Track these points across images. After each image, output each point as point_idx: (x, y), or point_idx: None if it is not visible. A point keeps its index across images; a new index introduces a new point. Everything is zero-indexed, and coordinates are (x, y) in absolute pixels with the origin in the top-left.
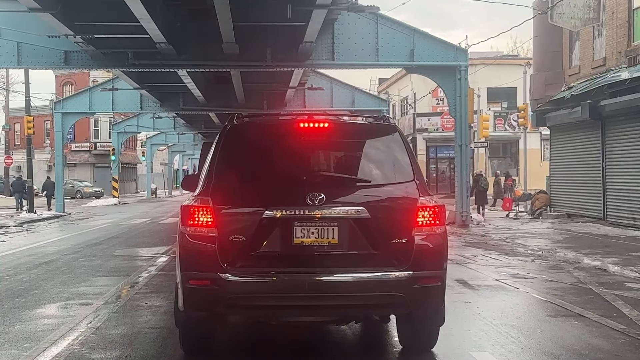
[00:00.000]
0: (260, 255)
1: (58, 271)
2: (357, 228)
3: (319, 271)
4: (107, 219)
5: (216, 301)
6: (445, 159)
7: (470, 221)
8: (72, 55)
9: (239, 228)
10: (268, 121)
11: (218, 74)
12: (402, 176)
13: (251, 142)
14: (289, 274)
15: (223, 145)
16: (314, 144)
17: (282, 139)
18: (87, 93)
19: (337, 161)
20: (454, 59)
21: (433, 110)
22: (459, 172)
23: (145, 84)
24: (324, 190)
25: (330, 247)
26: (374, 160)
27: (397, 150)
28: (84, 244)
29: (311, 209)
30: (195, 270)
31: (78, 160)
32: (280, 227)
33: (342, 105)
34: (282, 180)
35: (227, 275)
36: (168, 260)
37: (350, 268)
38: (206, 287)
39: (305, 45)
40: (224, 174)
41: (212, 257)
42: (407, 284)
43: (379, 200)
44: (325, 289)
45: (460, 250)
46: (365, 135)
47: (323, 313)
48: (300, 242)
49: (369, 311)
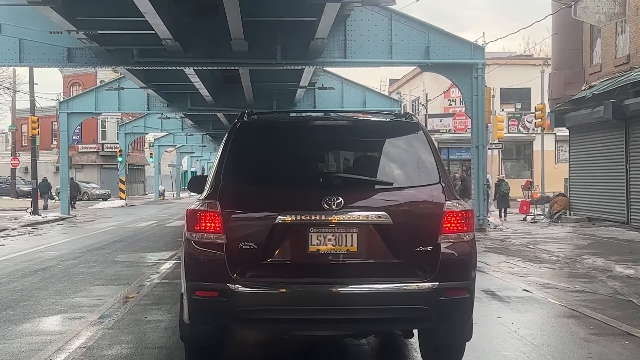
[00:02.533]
0: (273, 264)
1: (54, 279)
2: (378, 235)
3: (336, 282)
4: (113, 222)
5: (224, 314)
6: (458, 161)
7: (487, 225)
8: (76, 52)
9: (249, 234)
10: (281, 118)
11: (226, 73)
12: (426, 178)
13: (263, 141)
14: (304, 285)
15: (232, 144)
16: (331, 143)
17: (297, 137)
18: (93, 93)
19: (356, 162)
20: (471, 56)
21: (445, 111)
22: (475, 174)
23: (151, 84)
24: (342, 193)
25: (348, 256)
26: (396, 161)
27: (421, 150)
28: (86, 249)
29: (328, 213)
30: (201, 281)
31: (85, 162)
32: (294, 234)
33: (352, 105)
34: (296, 182)
35: (237, 286)
36: (173, 267)
37: (371, 278)
38: (214, 299)
39: (317, 42)
40: (233, 176)
41: (220, 266)
42: (433, 296)
43: (402, 205)
44: (343, 301)
45: (481, 257)
46: (387, 133)
47: (341, 327)
48: (316, 250)
49: (390, 326)
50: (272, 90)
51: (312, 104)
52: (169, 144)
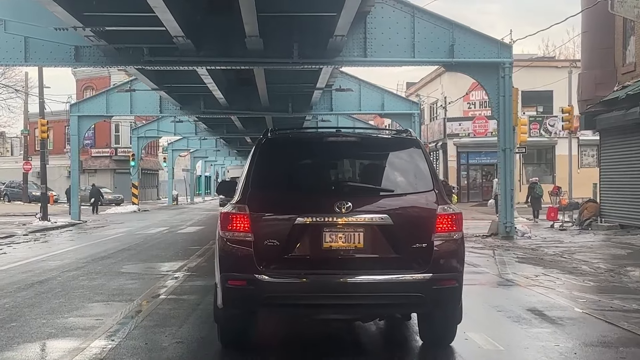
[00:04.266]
0: (293, 258)
1: (50, 294)
2: (381, 234)
3: (346, 273)
4: (123, 228)
5: (252, 300)
6: (477, 166)
7: (515, 233)
8: (83, 51)
9: (273, 233)
10: (300, 135)
11: (241, 75)
12: (422, 186)
13: (284, 154)
14: (319, 276)
15: (258, 157)
16: (341, 156)
17: (312, 151)
18: (105, 95)
19: (363, 172)
20: (497, 55)
21: (464, 114)
22: (503, 178)
23: (163, 85)
24: (351, 199)
25: (356, 251)
26: (397, 171)
27: (419, 162)
28: (91, 258)
29: (339, 216)
30: (233, 272)
31: (98, 166)
32: (310, 233)
33: (370, 108)
34: (312, 189)
35: (263, 277)
36: (182, 280)
37: (375, 270)
38: (243, 287)
39: (336, 40)
40: (260, 184)
41: (249, 260)
42: (427, 285)
43: (401, 209)
44: (351, 289)
45: (516, 268)
46: (389, 148)
47: (350, 311)
48: (329, 246)
49: (391, 310)
50: (288, 93)
51: (329, 106)
52: (183, 148)
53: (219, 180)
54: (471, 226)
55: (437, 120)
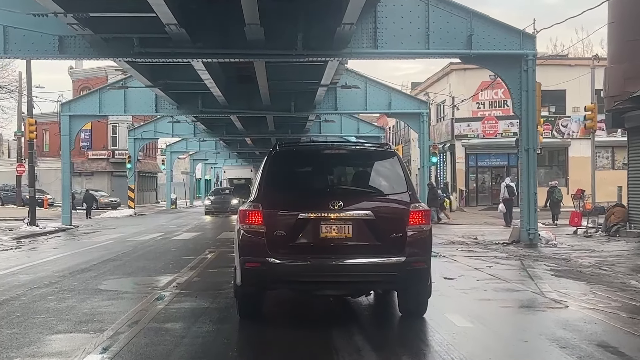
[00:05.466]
0: (297, 245)
1: (4, 321)
2: (366, 226)
3: (338, 257)
4: (115, 234)
5: (265, 278)
6: (487, 168)
7: (539, 240)
8: (68, 42)
9: (281, 225)
10: (302, 148)
11: (241, 72)
12: (398, 188)
13: (289, 163)
14: (318, 259)
15: (269, 166)
16: (335, 165)
17: (312, 161)
18: (97, 94)
19: (352, 177)
20: (520, 46)
21: (473, 115)
22: (525, 181)
23: (158, 82)
24: (342, 198)
25: (346, 240)
26: (378, 177)
27: (396, 170)
28: (69, 271)
29: (333, 212)
30: (249, 256)
31: (95, 169)
32: (310, 225)
33: (377, 107)
34: (311, 191)
35: (273, 260)
36: (169, 300)
37: (361, 255)
38: (257, 268)
39: (344, 29)
40: (270, 187)
41: (262, 246)
42: (402, 266)
43: (382, 206)
44: (342, 270)
45: (555, 284)
46: (373, 158)
47: (342, 288)
48: (325, 236)
49: (374, 286)
50: (291, 90)
51: (333, 105)
52: (182, 150)
53: (218, 184)
54: (486, 232)
55: (444, 120)
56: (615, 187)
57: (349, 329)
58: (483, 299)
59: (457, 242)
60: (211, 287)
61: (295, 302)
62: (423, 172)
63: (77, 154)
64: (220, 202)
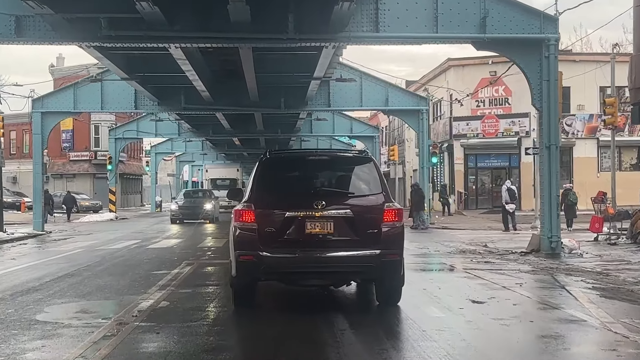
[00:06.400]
0: (285, 240)
1: None
2: (345, 223)
3: (321, 250)
4: (88, 241)
5: (257, 270)
6: (487, 169)
7: (561, 249)
8: (26, 22)
9: (271, 223)
10: (289, 154)
11: (226, 67)
12: (374, 189)
13: (278, 168)
14: (303, 252)
15: (260, 171)
16: (319, 169)
17: (298, 166)
18: (72, 89)
19: (333, 180)
20: (540, 29)
21: (472, 113)
22: (546, 182)
23: (135, 74)
24: (325, 199)
25: (328, 235)
26: (357, 180)
27: (373, 173)
28: (12, 290)
29: (316, 211)
30: (243, 250)
31: (77, 171)
32: (297, 223)
33: (373, 104)
34: (298, 192)
35: (264, 253)
36: (119, 339)
37: (341, 248)
38: (251, 261)
39: (342, 8)
40: (261, 189)
41: (254, 241)
42: (377, 258)
43: (359, 206)
44: (325, 261)
45: (610, 307)
46: (352, 163)
47: (324, 277)
48: (310, 232)
49: (353, 276)
50: (281, 84)
51: (326, 102)
52: (167, 151)
53: (204, 186)
54: (494, 238)
55: (441, 119)
56: (626, 189)
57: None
58: (538, 337)
59: (469, 251)
60: (180, 317)
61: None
62: (422, 174)
63: (59, 156)
64: (191, 207)
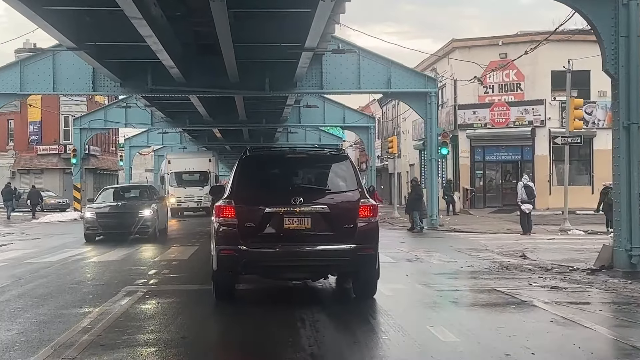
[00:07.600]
0: (264, 235)
1: None
2: (322, 218)
3: (299, 245)
4: (24, 249)
5: (237, 264)
6: (496, 163)
7: None
8: None
9: (250, 218)
10: (268, 152)
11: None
12: (350, 186)
13: (257, 166)
14: (282, 246)
15: (240, 168)
16: (297, 167)
17: (277, 164)
18: (18, 67)
19: (311, 177)
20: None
21: (480, 100)
22: (624, 175)
23: (85, 43)
24: (302, 195)
25: (306, 230)
26: (333, 177)
27: (348, 170)
28: None
29: (294, 207)
30: (224, 244)
31: (45, 166)
32: (275, 218)
33: (373, 85)
34: (276, 189)
35: (244, 247)
36: None
37: (318, 243)
38: (231, 255)
39: None
40: (241, 186)
41: (235, 236)
42: (353, 253)
43: (336, 201)
44: (303, 255)
45: None
46: (329, 161)
47: (302, 270)
48: (288, 227)
49: (330, 270)
50: (265, 60)
51: (318, 82)
52: (142, 144)
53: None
54: (529, 246)
55: (445, 108)
56: None
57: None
58: None
59: (513, 267)
60: None
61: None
62: (430, 167)
63: (26, 149)
64: (117, 214)
